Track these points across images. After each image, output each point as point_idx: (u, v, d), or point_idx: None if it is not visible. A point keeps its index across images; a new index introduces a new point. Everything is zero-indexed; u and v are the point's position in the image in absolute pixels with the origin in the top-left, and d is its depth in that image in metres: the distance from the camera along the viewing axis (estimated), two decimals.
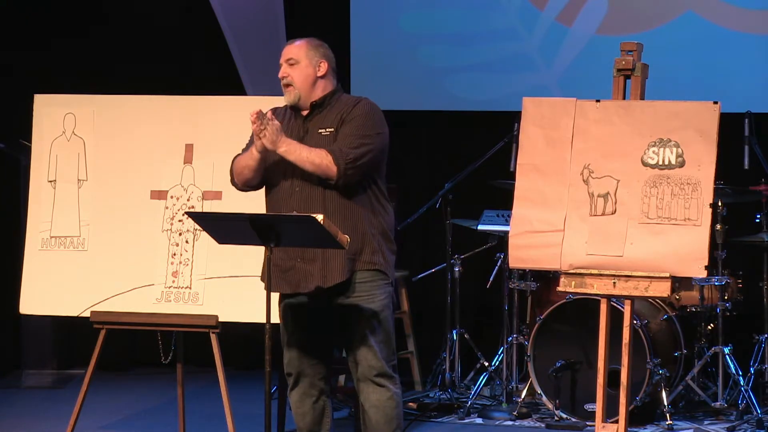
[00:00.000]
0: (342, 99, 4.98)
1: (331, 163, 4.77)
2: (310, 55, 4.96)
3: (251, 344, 7.71)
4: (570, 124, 4.97)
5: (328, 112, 4.93)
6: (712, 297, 6.98)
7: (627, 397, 4.88)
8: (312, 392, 4.97)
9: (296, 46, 4.99)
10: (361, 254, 4.85)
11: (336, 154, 4.77)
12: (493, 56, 8.20)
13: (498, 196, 7.12)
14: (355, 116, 4.88)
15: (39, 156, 5.96)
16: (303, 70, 4.94)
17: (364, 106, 4.93)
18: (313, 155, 4.78)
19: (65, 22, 8.61)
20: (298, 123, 4.95)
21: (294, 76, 4.95)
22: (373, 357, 4.86)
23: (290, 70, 4.95)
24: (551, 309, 6.80)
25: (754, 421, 6.57)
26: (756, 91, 7.74)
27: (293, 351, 4.96)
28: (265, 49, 8.52)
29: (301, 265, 4.85)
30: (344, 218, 4.80)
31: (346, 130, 4.85)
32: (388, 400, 4.88)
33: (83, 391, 5.66)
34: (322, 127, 4.89)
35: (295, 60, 4.95)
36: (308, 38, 5.04)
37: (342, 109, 4.91)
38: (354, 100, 4.98)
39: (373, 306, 4.87)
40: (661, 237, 4.78)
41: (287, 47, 5.02)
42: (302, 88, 4.94)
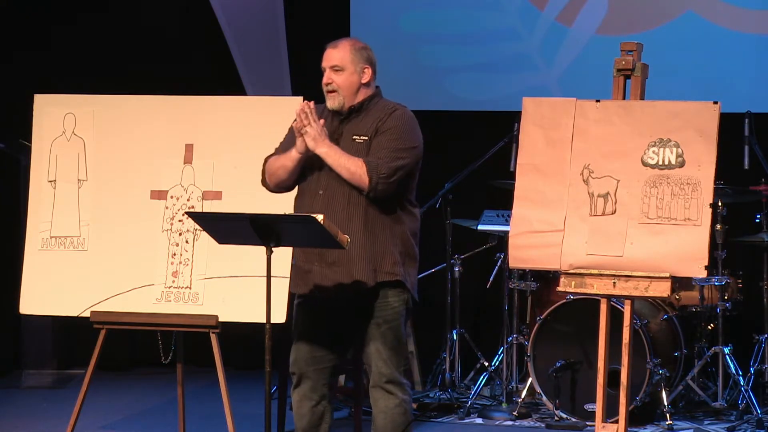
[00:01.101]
0: (379, 105, 4.94)
1: (365, 174, 4.76)
2: (355, 61, 4.91)
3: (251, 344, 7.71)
4: (570, 124, 4.97)
5: (365, 117, 4.91)
6: (712, 297, 6.98)
7: (627, 397, 4.88)
8: (313, 396, 4.96)
9: (340, 50, 4.91)
10: (381, 265, 4.84)
11: (371, 167, 4.76)
12: (493, 56, 8.20)
13: (498, 196, 7.12)
14: (390, 127, 4.86)
15: (39, 156, 5.96)
16: (348, 77, 4.90)
17: (400, 117, 4.90)
18: (350, 163, 4.76)
19: (65, 21, 8.61)
20: (334, 125, 4.92)
21: (339, 83, 4.88)
22: (384, 365, 4.86)
23: (335, 76, 4.88)
24: (551, 309, 6.80)
25: (754, 421, 6.57)
26: (756, 91, 7.75)
27: (300, 351, 4.95)
28: (265, 49, 8.53)
29: (318, 268, 4.85)
30: (365, 226, 4.79)
31: (381, 141, 4.83)
32: (396, 407, 4.89)
33: (83, 391, 5.66)
34: (356, 134, 4.86)
35: (340, 67, 4.89)
36: (351, 40, 4.97)
37: (378, 116, 4.89)
38: (390, 107, 4.94)
39: (388, 314, 4.87)
40: (661, 237, 4.78)
41: (330, 51, 4.93)
42: (347, 95, 4.89)
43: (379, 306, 4.85)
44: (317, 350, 4.93)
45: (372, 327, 4.86)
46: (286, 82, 8.50)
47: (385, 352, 4.85)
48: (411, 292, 4.97)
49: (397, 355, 4.90)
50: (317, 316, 4.94)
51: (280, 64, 8.52)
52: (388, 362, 4.85)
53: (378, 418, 4.91)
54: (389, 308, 4.86)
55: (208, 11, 8.47)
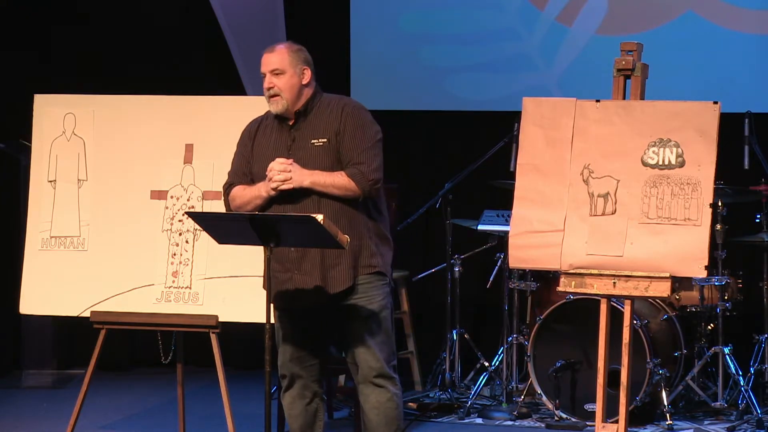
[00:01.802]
0: (324, 102, 4.94)
1: (356, 187, 4.79)
2: (293, 63, 4.93)
3: (251, 344, 7.71)
4: (570, 124, 4.97)
5: (314, 118, 4.91)
6: (712, 297, 6.98)
7: (627, 397, 4.88)
8: (305, 394, 4.97)
9: (278, 54, 4.94)
10: (359, 258, 4.84)
11: (357, 178, 4.79)
12: (493, 56, 8.20)
13: (498, 196, 7.12)
14: (353, 125, 4.86)
15: (39, 156, 5.96)
16: (288, 80, 4.91)
17: (355, 110, 4.91)
18: (337, 181, 4.78)
19: (65, 21, 8.61)
20: (284, 132, 4.93)
21: (280, 86, 4.90)
22: (372, 358, 4.85)
23: (276, 80, 4.91)
24: (551, 309, 6.80)
25: (754, 421, 6.57)
26: (756, 91, 7.74)
27: (288, 353, 4.96)
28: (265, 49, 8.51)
29: (298, 276, 4.85)
30: (338, 222, 4.78)
31: (351, 142, 4.83)
32: (388, 401, 4.88)
33: (83, 391, 5.66)
34: (313, 137, 4.86)
35: (280, 70, 4.91)
36: (287, 44, 4.99)
37: (330, 116, 4.88)
38: (337, 102, 4.94)
39: (372, 307, 4.86)
40: (661, 237, 4.78)
41: (268, 56, 4.95)
42: (289, 98, 4.90)
43: (362, 301, 4.85)
44: (300, 351, 4.94)
45: (358, 322, 4.85)
46: None
47: (374, 346, 4.85)
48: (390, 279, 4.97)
49: (386, 348, 4.89)
50: (295, 319, 4.93)
51: None
52: (378, 356, 4.85)
53: (371, 414, 4.89)
54: (374, 302, 4.86)
55: (208, 11, 8.47)
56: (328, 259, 4.81)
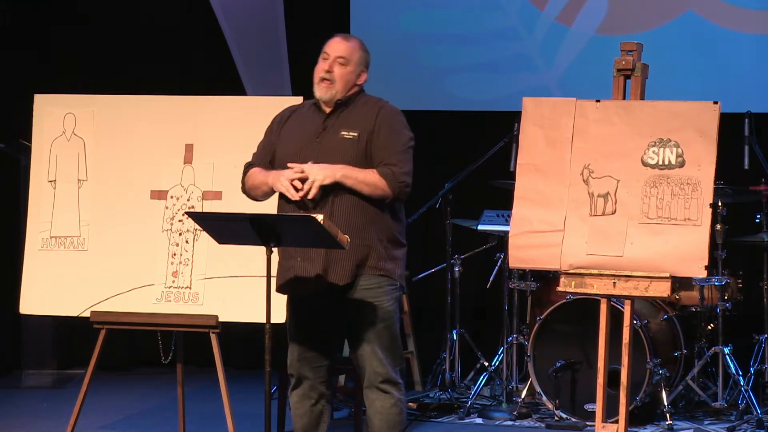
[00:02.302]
0: (362, 100, 4.93)
1: (387, 188, 4.79)
2: (359, 61, 4.91)
3: (251, 344, 7.72)
4: (570, 124, 4.97)
5: (350, 112, 4.90)
6: (712, 297, 6.98)
7: (627, 397, 4.88)
8: (312, 395, 4.96)
9: (350, 45, 4.91)
10: (367, 259, 4.82)
11: (389, 178, 4.78)
12: (493, 56, 8.20)
13: (498, 196, 7.12)
14: (387, 127, 4.85)
15: (39, 156, 5.96)
16: (348, 73, 4.89)
17: (391, 115, 4.90)
18: (368, 179, 4.76)
19: (65, 21, 8.61)
20: (317, 119, 4.91)
21: (339, 75, 4.88)
22: (379, 363, 4.85)
23: (337, 67, 4.88)
24: (551, 309, 6.80)
25: (754, 421, 6.57)
26: (756, 91, 7.75)
27: (296, 353, 4.94)
28: (265, 49, 8.53)
29: (300, 263, 4.84)
30: (349, 222, 4.77)
31: (383, 143, 4.82)
32: (392, 407, 4.88)
33: (83, 391, 5.66)
34: (344, 129, 4.85)
35: (346, 60, 4.89)
36: (360, 41, 4.96)
37: (365, 113, 4.87)
38: (375, 102, 4.93)
39: (380, 311, 4.85)
40: (661, 237, 4.78)
41: (340, 42, 4.92)
42: (340, 89, 4.89)
43: (370, 304, 4.84)
44: (308, 351, 4.93)
45: (366, 326, 4.84)
46: (286, 82, 8.50)
47: (380, 351, 4.84)
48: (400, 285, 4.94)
49: (393, 354, 4.88)
50: (304, 317, 4.93)
51: (280, 64, 8.52)
52: (384, 361, 4.84)
53: (374, 419, 4.89)
54: (382, 306, 4.85)
55: (208, 11, 8.48)
56: (333, 252, 4.79)
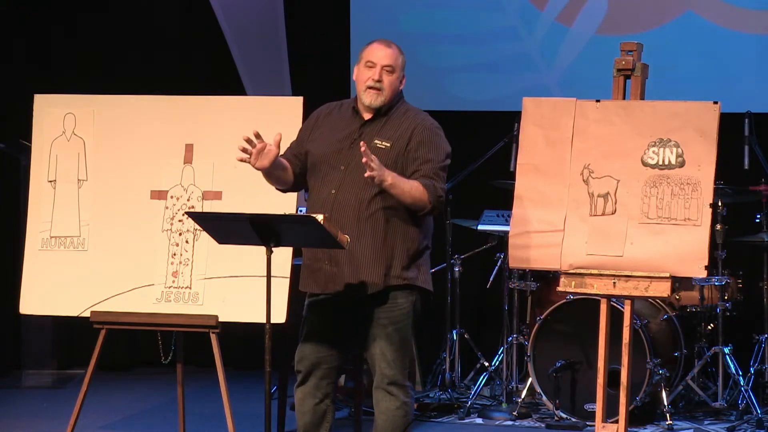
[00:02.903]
0: (401, 110, 4.91)
1: (427, 200, 4.77)
2: (401, 67, 4.91)
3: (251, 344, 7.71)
4: (570, 124, 4.97)
5: (388, 121, 4.88)
6: (712, 297, 6.99)
7: (627, 397, 4.88)
8: (317, 394, 4.95)
9: (394, 52, 4.89)
10: (391, 268, 4.82)
11: (430, 191, 4.76)
12: (493, 56, 8.20)
13: (498, 196, 7.11)
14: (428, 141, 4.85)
15: (39, 156, 5.96)
16: (394, 80, 4.88)
17: (432, 129, 4.89)
18: (413, 190, 4.74)
19: (65, 21, 8.61)
20: (354, 125, 4.89)
21: (387, 83, 4.86)
22: (387, 366, 4.85)
23: (386, 76, 4.85)
24: (551, 309, 6.80)
25: (754, 421, 6.57)
26: (756, 91, 7.75)
27: (307, 349, 4.93)
28: (265, 49, 8.53)
29: (328, 267, 4.84)
30: (375, 228, 4.78)
31: (423, 157, 4.81)
32: (397, 409, 4.89)
33: (83, 391, 5.66)
34: (378, 138, 4.83)
35: (392, 68, 4.87)
36: (398, 46, 4.94)
37: (402, 125, 4.86)
38: (415, 115, 4.91)
39: (395, 315, 4.85)
40: (661, 237, 4.78)
41: (384, 50, 4.89)
42: (388, 95, 4.87)
43: (386, 307, 4.84)
44: (324, 350, 4.92)
45: (378, 328, 4.85)
46: (286, 82, 8.50)
47: (390, 354, 4.85)
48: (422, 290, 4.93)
49: (402, 357, 4.89)
50: (327, 317, 4.92)
51: (280, 64, 8.52)
52: (392, 364, 4.85)
53: (379, 419, 4.91)
54: (397, 309, 4.86)
55: (208, 11, 8.47)
56: (361, 258, 4.79)
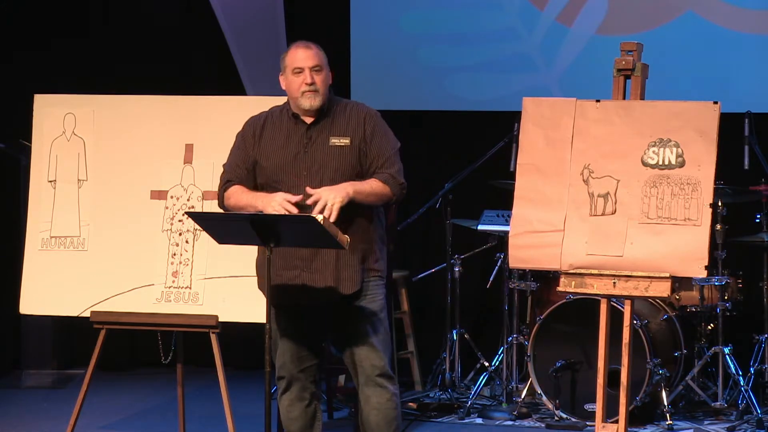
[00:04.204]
0: (341, 104, 4.96)
1: (390, 193, 4.85)
2: (325, 63, 4.94)
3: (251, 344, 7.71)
4: (570, 124, 4.97)
5: (333, 118, 4.91)
6: (712, 297, 6.98)
7: (627, 397, 4.88)
8: (305, 396, 4.96)
9: (316, 51, 4.93)
10: (367, 261, 4.87)
11: (391, 182, 4.84)
12: (493, 56, 8.20)
13: (498, 196, 7.11)
14: (379, 132, 4.90)
15: (39, 156, 5.96)
16: (324, 77, 4.92)
17: (377, 119, 4.94)
18: (375, 189, 4.81)
19: (65, 21, 8.61)
20: (299, 130, 4.91)
21: (319, 82, 4.89)
22: (376, 357, 4.87)
23: (317, 76, 4.89)
24: (551, 309, 6.80)
25: (754, 421, 6.57)
26: (756, 91, 7.74)
27: (287, 354, 4.94)
28: (265, 49, 8.52)
29: (307, 274, 4.84)
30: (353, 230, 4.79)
31: (376, 149, 4.86)
32: (388, 401, 4.89)
33: (83, 391, 5.66)
34: (333, 137, 4.86)
35: (320, 66, 4.91)
36: (316, 44, 4.99)
37: (352, 119, 4.89)
38: (356, 107, 4.96)
39: (373, 306, 4.89)
40: (661, 237, 4.78)
41: (307, 51, 4.92)
42: (324, 95, 4.90)
43: (365, 301, 4.87)
44: (303, 350, 4.94)
45: (361, 322, 4.86)
46: None
47: (378, 345, 4.87)
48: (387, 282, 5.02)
49: (386, 347, 4.93)
50: (297, 318, 4.93)
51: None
52: (381, 355, 4.88)
53: (371, 415, 4.89)
54: (376, 302, 4.89)
55: (208, 11, 8.47)
56: (341, 260, 4.82)
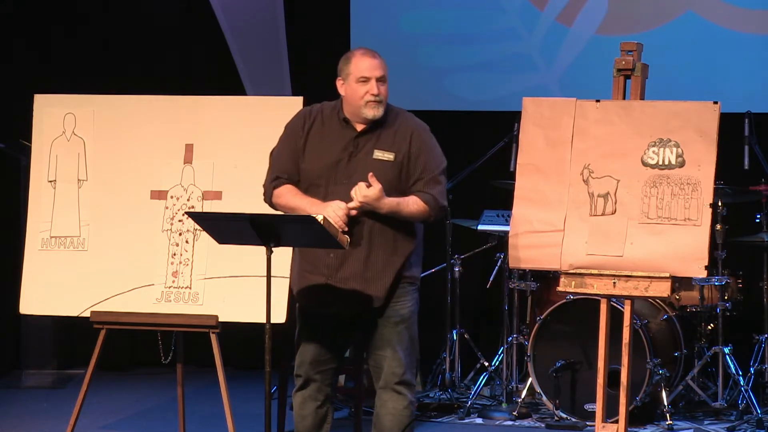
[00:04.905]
0: (391, 115, 4.89)
1: (429, 214, 4.81)
2: (387, 74, 4.92)
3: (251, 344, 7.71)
4: (570, 124, 4.97)
5: (383, 131, 4.86)
6: (712, 297, 6.98)
7: (627, 397, 4.88)
8: (318, 397, 4.94)
9: (382, 63, 4.90)
10: (401, 270, 4.85)
11: (432, 204, 4.80)
12: (493, 56, 8.20)
13: (498, 196, 7.12)
14: (426, 150, 4.85)
15: (39, 156, 5.96)
16: (386, 88, 4.89)
17: (426, 136, 4.89)
18: (414, 209, 4.78)
19: (65, 21, 8.61)
20: (346, 135, 4.86)
21: (384, 94, 4.85)
22: (398, 364, 4.86)
23: (381, 87, 4.85)
24: (551, 309, 6.80)
25: (754, 421, 6.57)
26: (756, 91, 7.75)
27: (308, 354, 4.91)
28: (265, 49, 8.52)
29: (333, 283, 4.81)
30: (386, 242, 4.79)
31: (421, 167, 4.81)
32: (405, 408, 4.89)
33: (83, 391, 5.66)
34: (378, 150, 4.82)
35: (384, 77, 4.88)
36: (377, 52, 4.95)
37: (399, 133, 4.85)
38: (406, 121, 4.90)
39: (402, 313, 4.88)
40: (661, 237, 4.78)
41: (372, 61, 4.89)
42: (384, 107, 4.87)
43: (395, 307, 4.85)
44: (324, 354, 4.91)
45: (388, 327, 4.85)
46: (286, 82, 8.50)
47: (401, 352, 4.86)
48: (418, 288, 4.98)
49: (411, 355, 4.91)
50: (324, 324, 4.91)
51: (280, 64, 8.52)
52: (403, 362, 4.86)
53: (385, 419, 4.89)
54: (405, 308, 4.87)
55: (208, 11, 8.47)
56: (370, 272, 4.79)
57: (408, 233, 4.86)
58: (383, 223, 4.78)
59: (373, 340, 4.88)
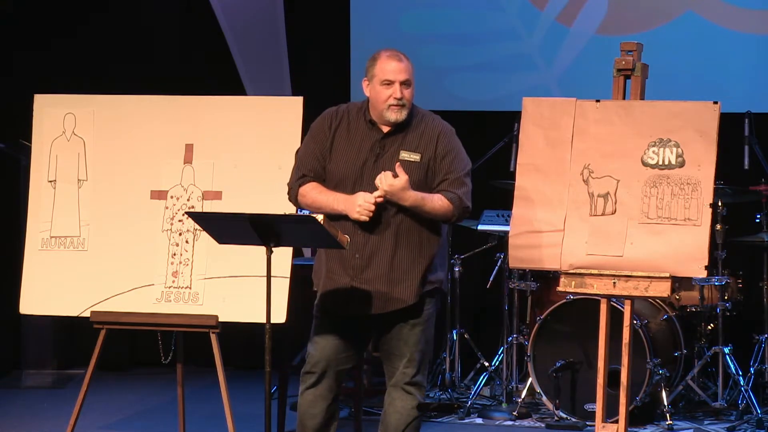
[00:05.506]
0: (417, 117, 4.88)
1: (453, 213, 4.78)
2: (414, 75, 4.89)
3: (251, 344, 7.71)
4: (570, 124, 4.97)
5: (408, 131, 4.84)
6: (712, 297, 6.99)
7: (627, 397, 4.88)
8: (329, 396, 4.92)
9: (408, 65, 4.85)
10: (426, 275, 4.83)
11: (456, 203, 4.76)
12: (493, 56, 8.20)
13: (498, 196, 7.11)
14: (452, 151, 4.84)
15: (39, 156, 5.96)
16: (411, 92, 4.86)
17: (452, 138, 4.88)
18: (437, 206, 4.75)
19: (65, 21, 8.61)
20: (373, 137, 4.84)
21: (407, 97, 4.84)
22: (411, 365, 4.85)
23: (406, 91, 4.84)
24: (551, 309, 6.80)
25: (754, 421, 6.58)
26: (756, 91, 7.75)
27: (326, 352, 4.88)
28: (265, 49, 8.52)
29: (358, 284, 4.80)
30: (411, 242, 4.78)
31: (447, 167, 4.80)
32: (413, 409, 4.89)
33: (83, 391, 5.66)
34: (404, 151, 4.80)
35: (410, 81, 4.85)
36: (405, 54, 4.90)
37: (426, 135, 4.83)
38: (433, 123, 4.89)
39: (422, 315, 4.85)
40: (661, 237, 4.78)
41: (398, 65, 4.83)
42: (409, 108, 4.85)
43: (414, 310, 4.83)
44: (340, 351, 4.89)
45: (405, 328, 4.83)
46: (286, 82, 8.50)
47: (416, 355, 4.84)
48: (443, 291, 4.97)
49: (424, 357, 4.90)
50: (345, 324, 4.89)
51: (280, 64, 8.52)
52: (415, 363, 4.85)
53: (392, 417, 4.89)
54: (425, 312, 4.85)
55: (208, 11, 8.47)
56: (396, 273, 4.78)
57: (434, 233, 4.83)
58: (410, 222, 4.77)
59: (389, 338, 4.87)
